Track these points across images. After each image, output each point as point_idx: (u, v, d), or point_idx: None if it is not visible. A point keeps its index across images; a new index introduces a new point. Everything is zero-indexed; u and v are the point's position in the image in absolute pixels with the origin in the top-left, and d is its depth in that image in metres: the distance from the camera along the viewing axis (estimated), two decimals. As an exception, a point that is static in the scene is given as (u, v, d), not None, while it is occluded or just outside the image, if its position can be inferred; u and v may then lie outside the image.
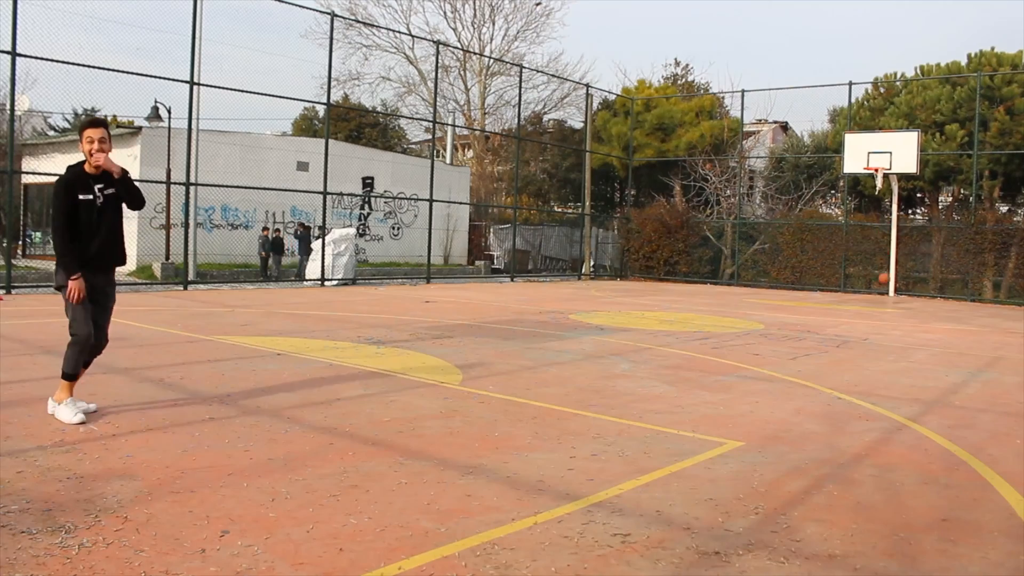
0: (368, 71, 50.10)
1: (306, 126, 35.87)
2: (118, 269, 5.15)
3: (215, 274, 19.94)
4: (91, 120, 4.84)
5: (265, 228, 22.16)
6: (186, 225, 16.35)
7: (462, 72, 37.50)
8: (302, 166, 23.84)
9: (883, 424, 5.46)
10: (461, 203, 28.76)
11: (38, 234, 25.21)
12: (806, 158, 26.05)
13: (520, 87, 25.93)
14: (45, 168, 23.47)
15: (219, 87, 17.34)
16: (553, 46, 75.81)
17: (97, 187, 4.77)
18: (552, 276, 27.25)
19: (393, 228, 27.59)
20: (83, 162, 4.79)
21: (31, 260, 22.80)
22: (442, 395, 5.96)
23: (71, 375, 4.84)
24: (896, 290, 20.70)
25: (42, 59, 14.01)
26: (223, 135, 22.39)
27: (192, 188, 16.30)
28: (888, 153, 19.92)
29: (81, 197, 4.71)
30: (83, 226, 4.73)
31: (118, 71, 15.39)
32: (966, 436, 5.18)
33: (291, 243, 22.42)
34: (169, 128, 20.68)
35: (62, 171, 4.91)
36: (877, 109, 24.06)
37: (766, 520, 3.48)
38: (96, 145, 4.69)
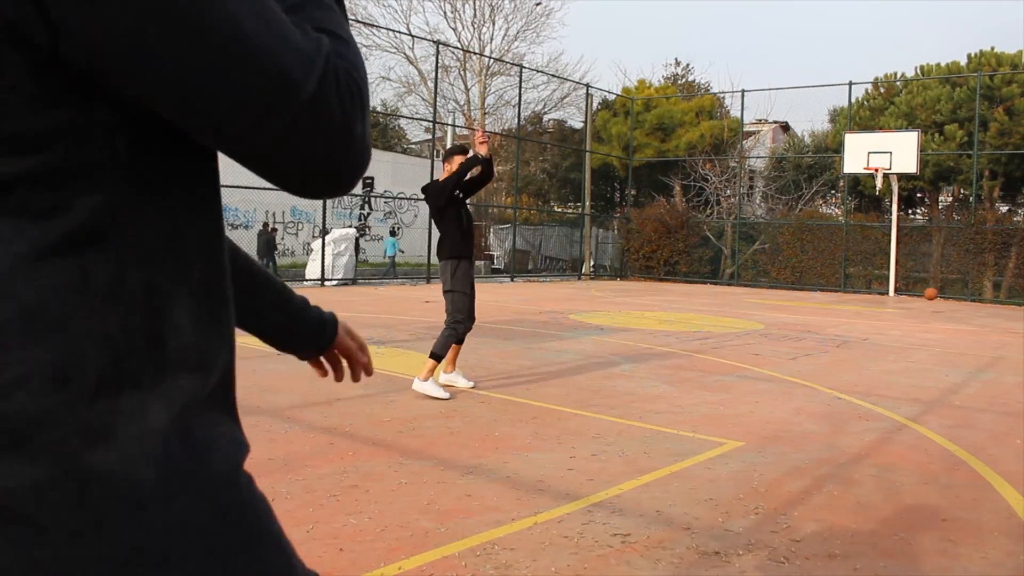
0: (368, 71, 50.16)
1: (306, 126, 35.83)
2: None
3: (215, 274, 19.90)
4: (460, 147, 6.06)
5: (265, 223, 22.14)
6: (186, 225, 16.32)
7: (462, 72, 37.50)
8: (302, 166, 23.82)
9: (883, 424, 5.46)
10: (461, 203, 28.75)
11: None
12: (806, 158, 26.05)
13: (520, 87, 25.94)
14: (45, 168, 23.44)
15: (219, 87, 17.32)
16: (553, 46, 75.88)
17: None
18: (552, 276, 27.25)
19: (393, 228, 27.59)
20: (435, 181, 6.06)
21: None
22: (442, 395, 5.96)
23: (440, 356, 5.83)
24: (896, 290, 20.70)
25: (42, 59, 14.00)
26: (223, 135, 22.36)
27: (192, 188, 16.27)
28: (888, 153, 19.92)
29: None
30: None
31: (118, 71, 15.38)
32: (966, 436, 5.18)
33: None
34: (169, 128, 20.65)
35: None
36: (877, 109, 24.07)
37: (766, 520, 3.48)
38: (465, 157, 5.86)
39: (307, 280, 19.62)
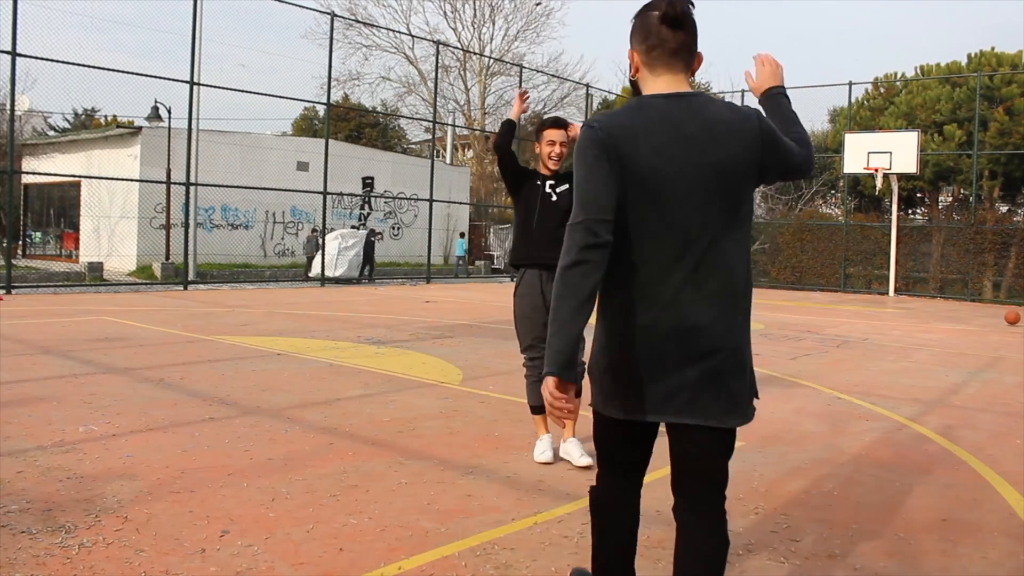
0: (368, 71, 50.20)
1: (306, 126, 35.88)
2: (119, 269, 5.19)
3: (215, 274, 19.95)
4: (554, 120, 4.34)
5: (314, 229, 22.10)
6: (186, 225, 16.36)
7: (462, 72, 37.52)
8: (302, 166, 23.85)
9: (883, 424, 5.46)
10: (461, 203, 28.77)
11: (38, 234, 25.22)
12: (806, 158, 26.02)
13: (520, 87, 25.92)
14: (45, 168, 23.46)
15: (219, 87, 17.37)
16: (553, 46, 75.79)
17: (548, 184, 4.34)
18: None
19: (393, 228, 27.59)
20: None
21: (31, 260, 22.81)
22: (442, 395, 5.96)
23: (531, 406, 4.38)
24: (896, 290, 20.71)
25: (42, 59, 14.02)
26: (223, 135, 22.40)
27: (192, 188, 16.31)
28: (888, 153, 19.92)
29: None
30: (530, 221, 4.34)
31: (118, 71, 15.41)
32: (966, 436, 5.18)
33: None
34: (169, 128, 20.69)
35: (62, 171, 4.91)
36: (877, 109, 24.07)
37: (766, 520, 3.48)
38: (557, 149, 4.24)
39: (310, 277, 19.65)
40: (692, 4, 2.05)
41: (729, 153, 1.97)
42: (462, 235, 27.42)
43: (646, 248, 1.98)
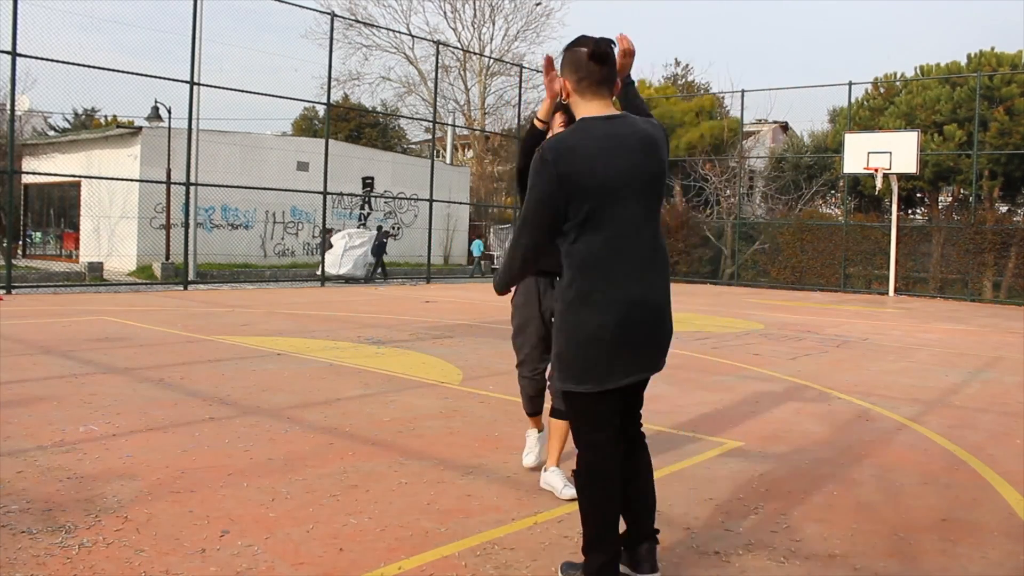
0: (368, 71, 50.15)
1: (306, 126, 35.86)
2: (119, 269, 5.15)
3: (215, 274, 19.95)
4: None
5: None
6: (186, 225, 16.36)
7: (462, 72, 37.50)
8: (302, 166, 23.83)
9: (883, 424, 5.46)
10: (461, 203, 28.76)
11: (38, 234, 25.21)
12: (806, 158, 26.04)
13: (520, 87, 25.94)
14: (45, 168, 23.44)
15: (219, 87, 17.36)
16: (553, 46, 75.62)
17: None
18: (552, 276, 27.24)
19: (393, 228, 27.57)
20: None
21: (31, 260, 22.80)
22: (442, 395, 5.96)
23: (528, 413, 4.15)
24: (896, 290, 20.70)
25: (42, 59, 14.03)
26: (223, 135, 22.38)
27: (192, 188, 16.30)
28: (888, 153, 19.92)
29: None
30: None
31: (118, 71, 15.41)
32: (966, 436, 5.18)
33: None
34: (169, 128, 20.67)
35: (62, 171, 4.89)
36: (877, 109, 24.06)
37: (766, 520, 3.48)
38: None
39: (315, 275, 19.65)
40: (613, 43, 2.53)
41: (656, 161, 2.50)
42: (479, 236, 28.63)
43: (610, 241, 2.42)
